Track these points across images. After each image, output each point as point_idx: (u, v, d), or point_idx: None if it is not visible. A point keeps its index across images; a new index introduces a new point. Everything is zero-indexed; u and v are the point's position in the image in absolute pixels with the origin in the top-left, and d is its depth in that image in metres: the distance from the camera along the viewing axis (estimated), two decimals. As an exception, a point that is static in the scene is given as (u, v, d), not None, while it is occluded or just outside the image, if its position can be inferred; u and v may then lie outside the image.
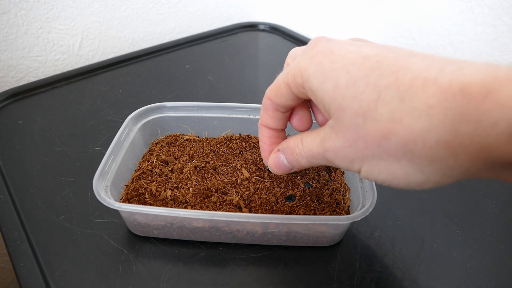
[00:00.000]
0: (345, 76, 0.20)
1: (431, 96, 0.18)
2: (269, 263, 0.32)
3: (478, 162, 0.18)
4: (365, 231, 0.35)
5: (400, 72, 0.19)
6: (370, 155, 0.21)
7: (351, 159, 0.22)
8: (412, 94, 0.18)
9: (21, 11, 0.55)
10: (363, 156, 0.21)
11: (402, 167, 0.20)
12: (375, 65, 0.20)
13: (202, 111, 0.42)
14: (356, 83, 0.20)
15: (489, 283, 0.31)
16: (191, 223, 0.32)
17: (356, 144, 0.21)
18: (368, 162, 0.21)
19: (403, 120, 0.18)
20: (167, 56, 0.66)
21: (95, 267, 0.32)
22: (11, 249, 0.33)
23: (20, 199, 0.38)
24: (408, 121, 0.18)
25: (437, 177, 0.19)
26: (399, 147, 0.19)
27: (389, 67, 0.19)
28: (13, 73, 0.59)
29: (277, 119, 0.28)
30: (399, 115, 0.18)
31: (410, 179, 0.20)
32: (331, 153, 0.23)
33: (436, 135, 0.18)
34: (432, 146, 0.18)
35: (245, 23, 0.76)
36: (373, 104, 0.19)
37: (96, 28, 0.64)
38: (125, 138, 0.37)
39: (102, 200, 0.30)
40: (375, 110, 0.19)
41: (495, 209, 0.38)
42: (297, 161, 0.26)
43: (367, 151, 0.20)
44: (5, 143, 0.45)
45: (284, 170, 0.29)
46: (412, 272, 0.32)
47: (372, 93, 0.19)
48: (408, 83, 0.18)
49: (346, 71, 0.20)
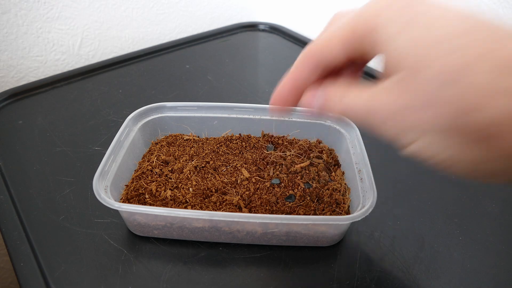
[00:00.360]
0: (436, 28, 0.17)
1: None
2: (269, 263, 0.32)
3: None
4: (365, 231, 0.35)
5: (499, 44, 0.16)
6: (441, 127, 0.17)
7: (409, 126, 0.18)
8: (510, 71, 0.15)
9: (21, 11, 0.55)
10: (429, 126, 0.17)
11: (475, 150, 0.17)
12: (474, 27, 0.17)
13: (202, 111, 0.42)
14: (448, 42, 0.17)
15: (489, 283, 0.31)
16: (191, 223, 0.32)
17: (426, 110, 0.17)
18: (431, 136, 0.18)
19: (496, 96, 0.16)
20: (167, 56, 0.66)
21: (95, 267, 0.32)
22: (11, 249, 0.33)
23: (20, 199, 0.38)
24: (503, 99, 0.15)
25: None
26: (485, 125, 0.16)
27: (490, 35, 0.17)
28: (13, 73, 0.59)
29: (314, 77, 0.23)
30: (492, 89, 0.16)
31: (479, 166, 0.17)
32: (383, 113, 0.19)
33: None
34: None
35: (245, 23, 0.76)
36: (464, 70, 0.16)
37: (96, 28, 0.64)
38: (125, 138, 0.37)
39: (102, 200, 0.30)
40: (464, 77, 0.16)
41: (495, 209, 0.38)
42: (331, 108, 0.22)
43: (440, 121, 0.17)
44: (5, 143, 0.45)
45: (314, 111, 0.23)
46: (412, 272, 0.32)
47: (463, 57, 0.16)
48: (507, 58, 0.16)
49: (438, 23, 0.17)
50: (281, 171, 0.37)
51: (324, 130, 0.41)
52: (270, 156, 0.39)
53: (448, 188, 0.40)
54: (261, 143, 0.41)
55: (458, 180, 0.41)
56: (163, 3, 0.69)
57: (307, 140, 0.42)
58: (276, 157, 0.39)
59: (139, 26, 0.68)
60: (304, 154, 0.39)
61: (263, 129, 0.42)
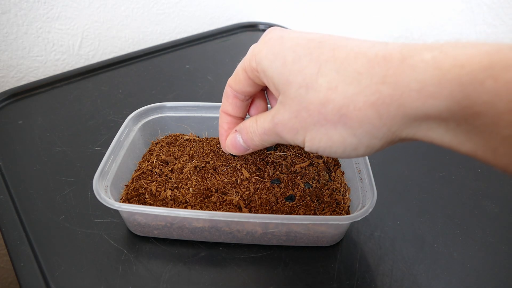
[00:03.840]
0: (291, 54, 0.23)
1: (361, 65, 0.21)
2: (269, 263, 0.32)
3: (397, 119, 0.20)
4: (365, 231, 0.35)
5: (338, 49, 0.22)
6: (312, 123, 0.23)
7: (296, 129, 0.24)
8: (346, 65, 0.21)
9: (21, 11, 0.55)
10: (306, 125, 0.23)
11: (338, 132, 0.22)
12: (318, 45, 0.23)
13: (202, 111, 0.42)
14: (301, 59, 0.23)
15: (489, 283, 0.31)
16: (191, 223, 0.32)
17: (300, 114, 0.23)
18: (310, 131, 0.23)
19: (338, 87, 0.21)
20: (167, 56, 0.66)
21: (95, 267, 0.32)
22: (11, 249, 0.33)
23: (20, 199, 0.38)
24: (342, 88, 0.21)
25: (367, 139, 0.22)
26: (335, 111, 0.22)
27: (329, 45, 0.23)
28: (13, 73, 0.59)
29: (236, 107, 0.31)
30: (335, 83, 0.21)
31: (345, 143, 0.23)
32: (280, 126, 0.25)
33: (364, 97, 0.21)
34: (362, 108, 0.21)
35: (245, 23, 0.76)
36: (314, 76, 0.22)
37: (96, 28, 0.64)
38: (125, 138, 0.37)
39: (102, 200, 0.30)
40: (316, 81, 0.22)
41: (495, 209, 0.38)
42: (252, 140, 0.29)
43: (310, 119, 0.23)
44: (5, 143, 0.45)
45: (240, 150, 0.31)
46: (412, 272, 0.32)
47: (313, 67, 0.22)
48: (343, 57, 0.22)
49: (293, 50, 0.23)
50: (281, 171, 0.37)
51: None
52: (270, 156, 0.39)
53: (448, 188, 0.40)
54: (261, 143, 0.41)
55: (458, 180, 0.41)
56: (163, 3, 0.69)
57: (307, 140, 0.42)
58: (276, 157, 0.39)
59: (139, 26, 0.68)
60: (304, 154, 0.39)
61: (263, 129, 0.42)
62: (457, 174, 0.42)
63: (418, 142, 0.22)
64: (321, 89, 0.22)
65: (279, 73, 0.24)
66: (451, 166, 0.43)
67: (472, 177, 0.42)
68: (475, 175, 0.42)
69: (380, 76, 0.20)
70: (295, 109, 0.23)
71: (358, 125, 0.21)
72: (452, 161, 0.44)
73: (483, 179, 0.41)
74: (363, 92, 0.21)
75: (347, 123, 0.22)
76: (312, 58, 0.23)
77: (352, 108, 0.21)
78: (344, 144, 0.23)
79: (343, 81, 0.21)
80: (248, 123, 0.29)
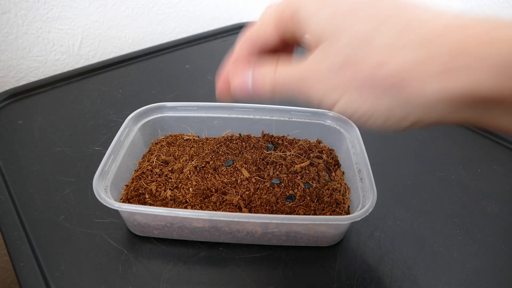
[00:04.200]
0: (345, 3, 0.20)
1: (432, 31, 0.18)
2: (269, 263, 0.32)
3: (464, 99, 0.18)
4: (365, 231, 0.35)
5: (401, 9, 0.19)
6: (356, 85, 0.20)
7: (332, 87, 0.21)
8: (410, 30, 0.19)
9: (21, 11, 0.55)
10: (348, 85, 0.20)
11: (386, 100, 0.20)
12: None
13: (202, 111, 0.42)
14: (357, 11, 0.20)
15: (489, 283, 0.31)
16: (191, 223, 0.32)
17: (344, 70, 0.20)
18: (350, 93, 0.20)
19: (400, 50, 0.19)
20: (167, 56, 0.66)
21: (95, 267, 0.32)
22: (11, 249, 0.33)
23: (20, 199, 0.38)
24: (405, 52, 0.18)
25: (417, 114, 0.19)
26: (390, 76, 0.19)
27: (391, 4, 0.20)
28: (13, 73, 0.59)
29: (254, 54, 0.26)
30: (398, 45, 0.19)
31: (390, 114, 0.20)
32: (311, 77, 0.21)
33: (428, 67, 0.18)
34: (423, 79, 0.18)
35: (245, 23, 0.76)
36: (372, 33, 0.19)
37: (96, 28, 0.64)
38: (125, 138, 0.37)
39: (102, 200, 0.30)
40: (373, 39, 0.19)
41: (495, 209, 0.38)
42: (263, 85, 0.24)
43: (354, 79, 0.20)
44: (5, 143, 0.45)
45: (244, 90, 0.25)
46: (412, 272, 0.32)
47: (372, 22, 0.19)
48: (410, 18, 0.19)
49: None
50: (281, 171, 0.37)
51: (324, 130, 0.41)
52: (270, 156, 0.39)
53: (448, 188, 0.40)
54: (261, 143, 0.41)
55: (458, 180, 0.41)
56: (163, 3, 0.69)
57: (307, 140, 0.42)
58: (276, 157, 0.39)
59: (139, 26, 0.68)
60: (304, 154, 0.39)
61: (263, 129, 0.42)
62: (457, 174, 0.42)
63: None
64: (377, 49, 0.19)
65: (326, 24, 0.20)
66: (451, 166, 0.43)
67: (472, 177, 0.42)
68: (475, 175, 0.42)
69: (454, 47, 0.17)
70: (340, 62, 0.20)
71: (413, 97, 0.19)
72: (452, 161, 0.44)
73: (483, 179, 0.41)
74: (429, 61, 0.18)
75: (401, 92, 0.19)
76: (370, 13, 0.20)
77: (412, 76, 0.18)
78: (389, 115, 0.20)
79: (407, 45, 0.18)
80: (267, 65, 0.24)
